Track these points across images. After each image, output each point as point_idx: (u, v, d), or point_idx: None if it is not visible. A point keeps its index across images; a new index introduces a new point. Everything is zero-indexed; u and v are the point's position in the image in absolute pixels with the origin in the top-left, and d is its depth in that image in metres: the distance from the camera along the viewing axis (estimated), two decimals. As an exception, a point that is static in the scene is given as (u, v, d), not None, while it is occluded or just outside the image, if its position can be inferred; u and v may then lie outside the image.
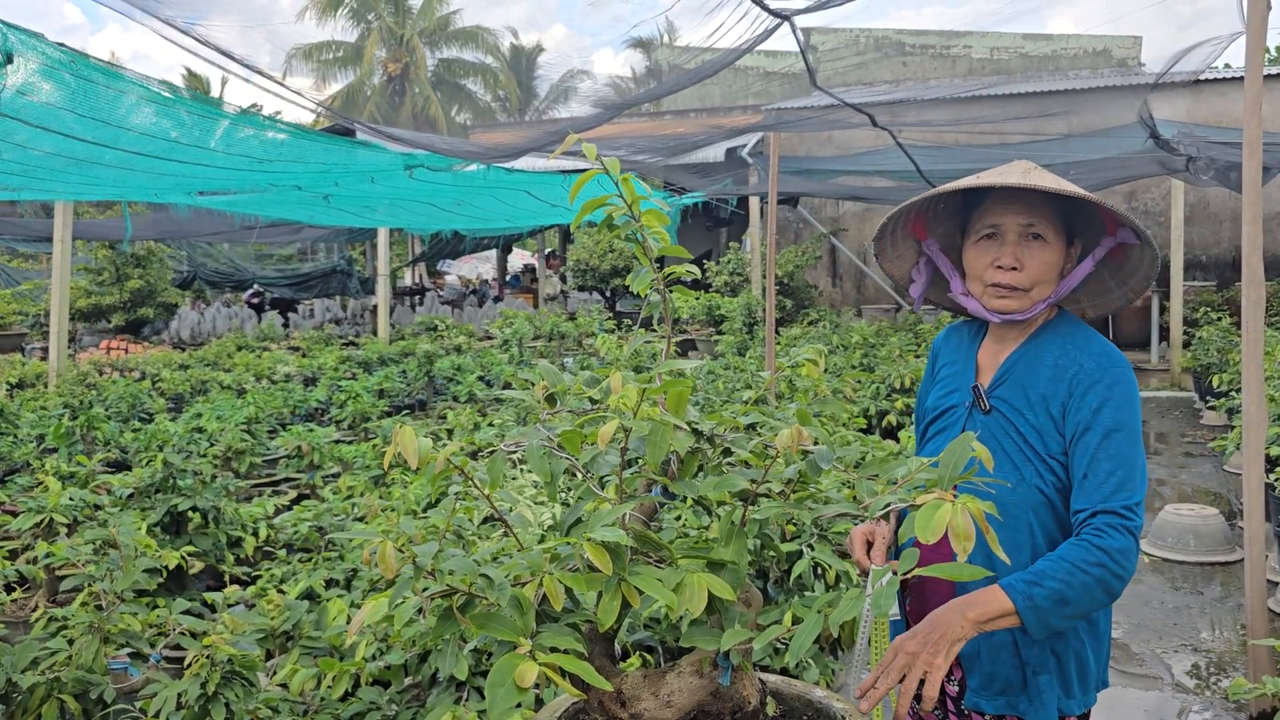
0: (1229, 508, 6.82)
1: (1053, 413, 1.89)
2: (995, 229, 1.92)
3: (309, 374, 11.32)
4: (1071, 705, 1.90)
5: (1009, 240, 1.91)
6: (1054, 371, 1.90)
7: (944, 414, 2.06)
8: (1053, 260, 1.91)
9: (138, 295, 17.59)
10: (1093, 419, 1.83)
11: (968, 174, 2.03)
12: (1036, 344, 1.96)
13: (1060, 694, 1.88)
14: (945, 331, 2.20)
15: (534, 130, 21.26)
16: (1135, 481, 1.80)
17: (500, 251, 25.74)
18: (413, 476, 5.28)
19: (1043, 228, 1.89)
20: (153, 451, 6.04)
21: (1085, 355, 1.89)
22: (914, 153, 9.10)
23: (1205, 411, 10.34)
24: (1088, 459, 1.81)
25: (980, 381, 2.02)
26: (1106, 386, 1.84)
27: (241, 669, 2.73)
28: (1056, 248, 1.91)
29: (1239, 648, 4.60)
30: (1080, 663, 1.91)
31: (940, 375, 2.13)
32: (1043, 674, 1.86)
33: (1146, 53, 24.21)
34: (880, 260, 2.17)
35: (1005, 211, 1.90)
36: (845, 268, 18.78)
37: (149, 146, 5.16)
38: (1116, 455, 1.80)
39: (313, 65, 35.84)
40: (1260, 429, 3.79)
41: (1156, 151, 9.01)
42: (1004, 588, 1.72)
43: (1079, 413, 1.85)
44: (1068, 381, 1.88)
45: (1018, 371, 1.96)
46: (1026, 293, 1.91)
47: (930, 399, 2.13)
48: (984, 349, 2.06)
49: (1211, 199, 16.08)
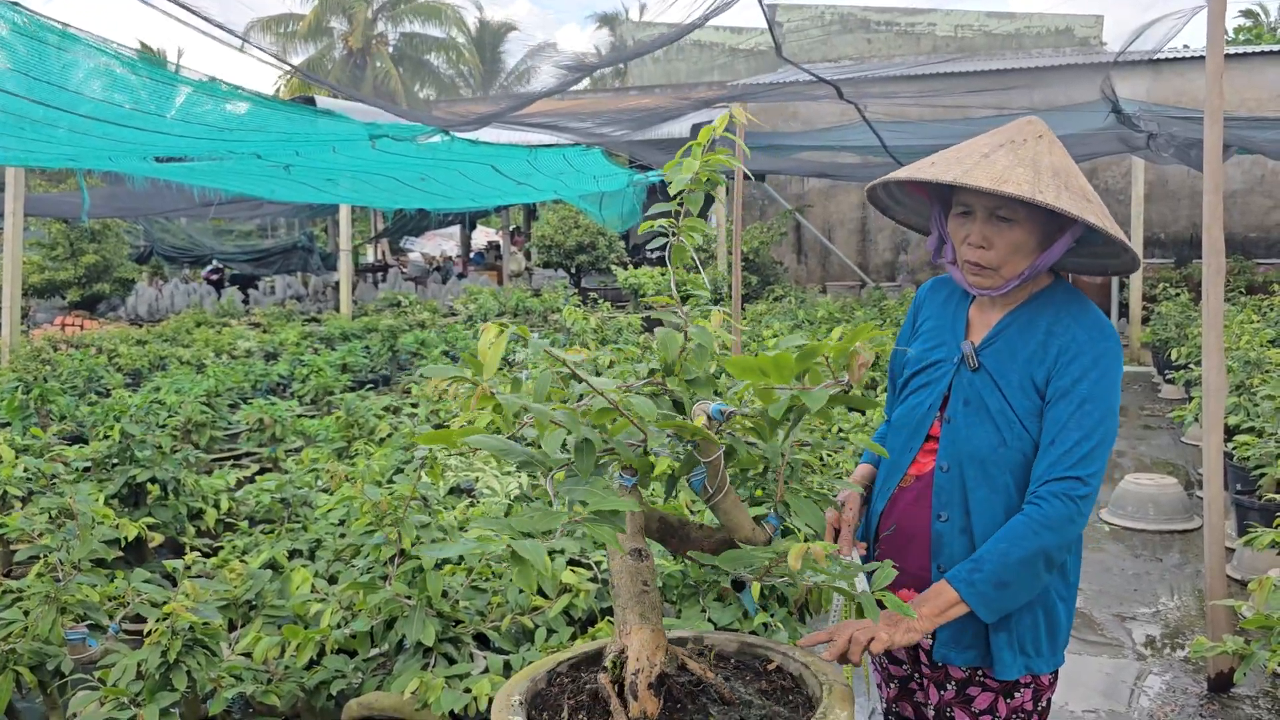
0: (1187, 478, 6.93)
1: (1036, 378, 1.89)
2: (968, 207, 1.93)
3: (270, 350, 11.17)
4: (1039, 664, 1.92)
5: (979, 220, 1.91)
6: (1045, 338, 1.91)
7: (929, 368, 2.04)
8: (1022, 240, 1.89)
9: (93, 271, 17.27)
10: (1071, 387, 1.85)
11: (934, 150, 2.02)
12: (1032, 309, 1.96)
13: (1026, 653, 1.90)
14: (931, 283, 2.19)
15: (499, 103, 21.10)
16: (1099, 454, 1.82)
17: (464, 228, 25.53)
18: (376, 448, 5.23)
19: (1011, 210, 1.88)
20: (110, 425, 5.93)
21: (1078, 326, 1.90)
22: (880, 129, 9.10)
23: (1164, 385, 10.51)
24: (1058, 426, 1.83)
25: (971, 339, 2.01)
26: (1092, 358, 1.86)
27: (203, 637, 2.68)
28: (1027, 227, 1.89)
29: (1197, 613, 4.68)
30: (1051, 622, 1.92)
31: (923, 328, 2.12)
32: (1001, 633, 1.88)
33: (1108, 32, 24.40)
34: (891, 215, 2.19)
35: (975, 192, 1.89)
36: (810, 244, 18.83)
37: (105, 112, 5.03)
38: (1086, 426, 1.82)
39: (271, 38, 35.23)
40: (1219, 395, 3.84)
41: (1118, 129, 9.10)
42: (949, 579, 1.80)
43: (1060, 379, 1.86)
44: (1056, 349, 1.89)
45: (1010, 334, 1.96)
46: (997, 271, 1.92)
47: (913, 350, 2.10)
48: (976, 305, 2.05)
49: (1170, 177, 16.28)
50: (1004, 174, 1.81)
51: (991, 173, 1.82)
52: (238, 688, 2.70)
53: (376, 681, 2.79)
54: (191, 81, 4.95)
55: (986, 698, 1.95)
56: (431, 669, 2.70)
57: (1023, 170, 1.81)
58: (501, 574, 3.22)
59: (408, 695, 2.58)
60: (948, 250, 2.02)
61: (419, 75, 37.52)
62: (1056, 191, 1.79)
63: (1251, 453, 4.99)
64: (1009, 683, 1.93)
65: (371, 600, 2.82)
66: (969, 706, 1.96)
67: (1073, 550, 1.94)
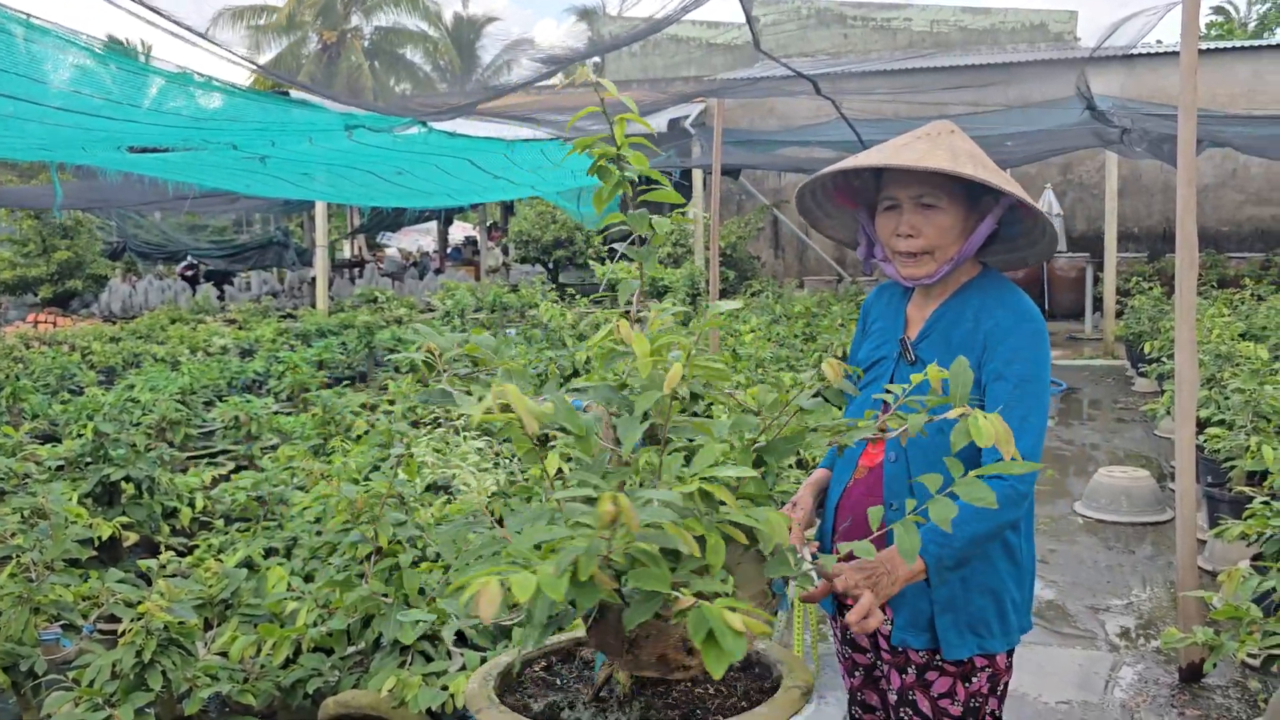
0: (1160, 470, 7.00)
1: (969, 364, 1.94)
2: (894, 200, 2.03)
3: (246, 346, 11.09)
4: (992, 644, 2.01)
5: (906, 210, 2.02)
6: (974, 324, 2.02)
7: (875, 365, 2.17)
8: (949, 224, 2.00)
9: (65, 267, 17.10)
10: (1005, 369, 1.95)
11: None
12: (960, 299, 2.07)
13: (978, 634, 1.99)
14: (876, 290, 2.32)
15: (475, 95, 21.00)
16: (1038, 430, 1.94)
17: (441, 223, 25.42)
18: (353, 445, 5.20)
19: (934, 196, 1.99)
20: (83, 423, 5.87)
21: (1002, 309, 2.01)
22: (856, 124, 9.14)
23: (1137, 379, 10.60)
24: (999, 407, 1.90)
25: (908, 334, 2.13)
26: (1019, 339, 1.97)
27: (178, 636, 2.66)
28: (952, 212, 2.00)
29: (1169, 604, 4.73)
30: (999, 603, 2.00)
31: (872, 330, 2.25)
32: (947, 614, 1.97)
33: (1083, 28, 24.58)
34: (820, 229, 2.31)
35: (899, 183, 2.01)
36: (787, 239, 18.88)
37: (77, 104, 4.97)
38: (1027, 404, 1.93)
39: (244, 29, 34.85)
40: (1191, 388, 3.88)
41: (1092, 124, 9.16)
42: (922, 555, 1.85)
43: (992, 362, 1.97)
44: (984, 334, 1.99)
45: (942, 325, 2.07)
46: (929, 256, 2.02)
47: (862, 352, 2.24)
48: (913, 303, 2.17)
49: (1144, 172, 16.43)
50: (923, 157, 1.92)
51: (912, 157, 1.94)
52: (213, 687, 2.69)
53: (353, 679, 2.78)
54: (164, 73, 4.89)
55: (945, 682, 2.03)
56: (409, 666, 2.70)
57: (941, 153, 1.93)
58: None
59: (385, 693, 2.57)
60: (878, 250, 2.13)
61: (395, 69, 37.27)
62: (975, 168, 1.91)
63: (1222, 445, 5.04)
64: (967, 667, 2.02)
65: (348, 598, 2.81)
66: (928, 691, 2.04)
67: (1022, 532, 2.04)
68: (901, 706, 2.07)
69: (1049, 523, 5.98)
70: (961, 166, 1.90)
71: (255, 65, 6.04)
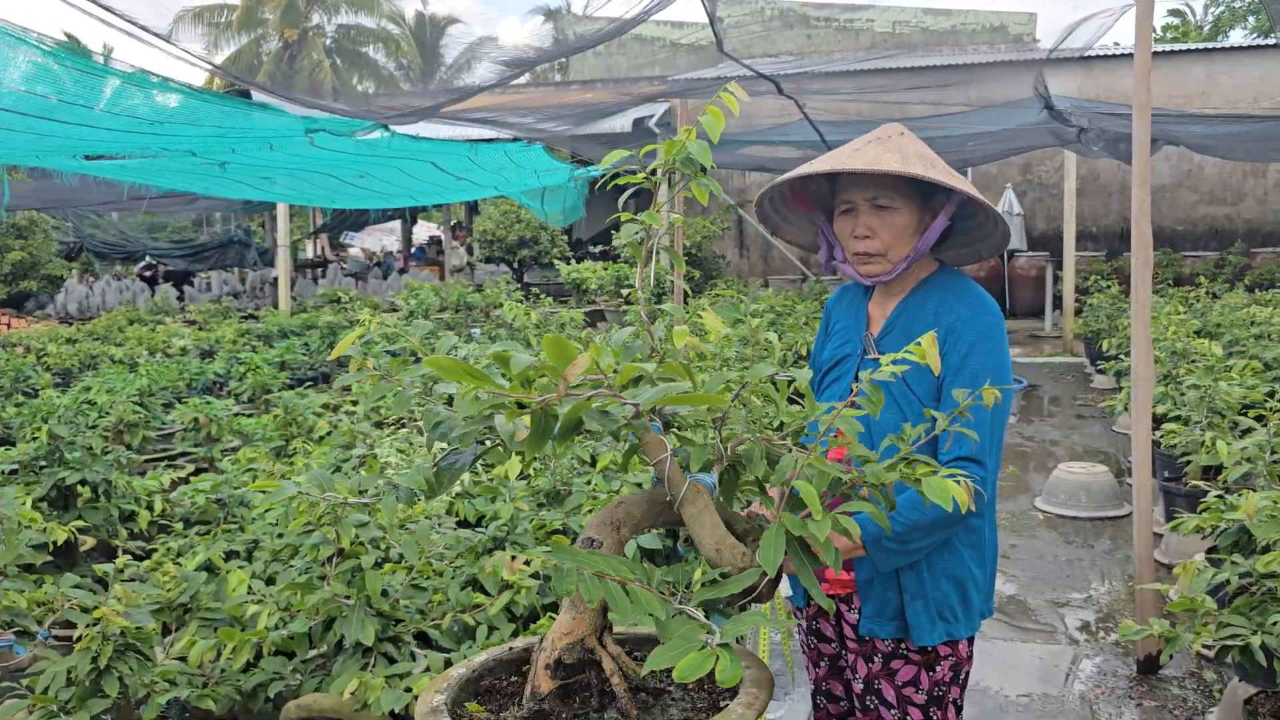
0: (1118, 466, 7.10)
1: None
2: (850, 203, 2.10)
3: (206, 347, 10.96)
4: (958, 628, 2.05)
5: (861, 212, 2.08)
6: (933, 319, 2.07)
7: (838, 364, 2.22)
8: (903, 224, 2.07)
9: (19, 268, 16.81)
10: (963, 363, 2.00)
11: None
12: (920, 295, 2.13)
13: (945, 619, 2.03)
14: (838, 291, 2.37)
15: (438, 96, 20.93)
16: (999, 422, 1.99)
17: (405, 223, 25.25)
18: (315, 446, 5.16)
19: (888, 198, 2.05)
20: (38, 426, 5.77)
21: (960, 304, 2.07)
22: (819, 125, 9.18)
23: (1096, 376, 10.74)
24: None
25: (871, 331, 2.18)
26: (977, 333, 2.02)
27: (136, 641, 2.62)
28: (906, 211, 2.06)
29: (1127, 597, 4.80)
30: (963, 589, 2.05)
31: (834, 330, 2.30)
32: (917, 601, 2.01)
33: (1041, 29, 24.84)
34: (782, 235, 2.35)
35: (854, 187, 2.08)
36: (752, 239, 18.95)
37: (29, 105, 4.88)
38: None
39: (203, 29, 34.44)
40: (1147, 384, 3.94)
41: (1051, 123, 9.27)
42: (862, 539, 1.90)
43: (951, 356, 2.01)
44: (944, 328, 2.03)
45: (903, 321, 2.12)
46: (884, 256, 2.08)
47: (826, 352, 2.28)
48: (874, 301, 2.22)
49: (1101, 172, 16.65)
50: (874, 161, 1.98)
51: (863, 162, 1.99)
52: (172, 692, 2.65)
53: (315, 682, 2.75)
54: (119, 73, 4.82)
55: (910, 670, 2.07)
56: (371, 669, 2.68)
57: (892, 155, 1.99)
58: (443, 572, 3.20)
59: (347, 696, 2.55)
60: (838, 251, 2.18)
61: (357, 68, 36.98)
62: (924, 168, 1.97)
63: (1178, 441, 5.12)
64: (931, 655, 2.06)
65: (310, 600, 2.78)
66: (893, 679, 2.08)
67: (987, 519, 2.08)
68: (868, 695, 2.11)
69: (1010, 518, 6.04)
70: (911, 167, 1.96)
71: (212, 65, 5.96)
